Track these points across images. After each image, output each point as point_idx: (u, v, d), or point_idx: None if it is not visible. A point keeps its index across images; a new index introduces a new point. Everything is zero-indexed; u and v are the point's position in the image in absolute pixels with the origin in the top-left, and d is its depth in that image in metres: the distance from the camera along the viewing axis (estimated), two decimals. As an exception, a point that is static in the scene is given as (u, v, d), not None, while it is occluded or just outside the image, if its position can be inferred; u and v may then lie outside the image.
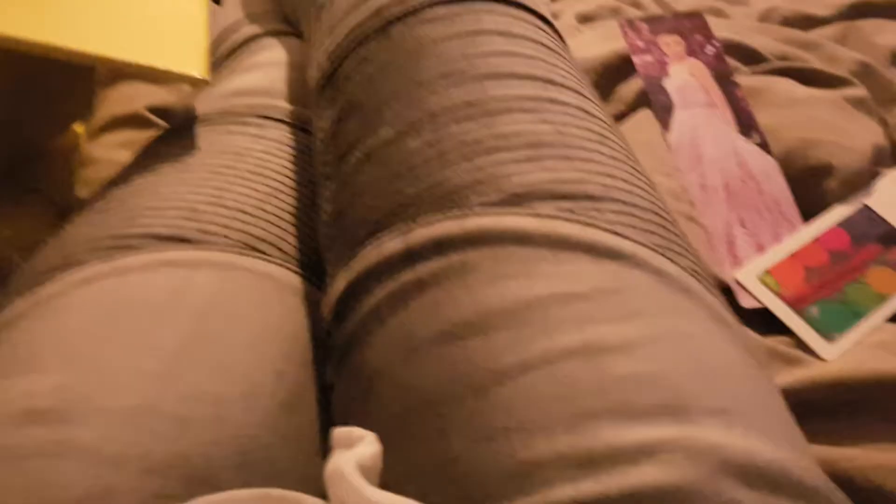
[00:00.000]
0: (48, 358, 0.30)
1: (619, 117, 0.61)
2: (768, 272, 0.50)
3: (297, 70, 0.51)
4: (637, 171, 0.37)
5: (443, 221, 0.33)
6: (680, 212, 0.52)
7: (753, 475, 0.25)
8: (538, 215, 0.32)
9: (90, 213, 0.38)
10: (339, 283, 0.35)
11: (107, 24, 0.43)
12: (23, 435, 0.28)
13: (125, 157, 0.60)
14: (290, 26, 0.56)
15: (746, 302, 0.49)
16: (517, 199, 0.32)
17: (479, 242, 0.32)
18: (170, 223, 0.36)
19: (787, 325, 0.48)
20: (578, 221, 0.32)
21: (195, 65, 0.43)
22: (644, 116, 0.59)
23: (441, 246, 0.32)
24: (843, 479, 0.41)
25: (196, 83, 0.43)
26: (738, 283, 0.50)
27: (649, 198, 0.36)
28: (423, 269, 0.32)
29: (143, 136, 0.62)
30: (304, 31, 0.49)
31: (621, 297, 0.30)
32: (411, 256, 0.32)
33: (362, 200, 0.36)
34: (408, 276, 0.32)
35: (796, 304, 0.49)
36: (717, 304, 0.33)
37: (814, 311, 0.48)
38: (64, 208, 0.53)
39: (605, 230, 0.32)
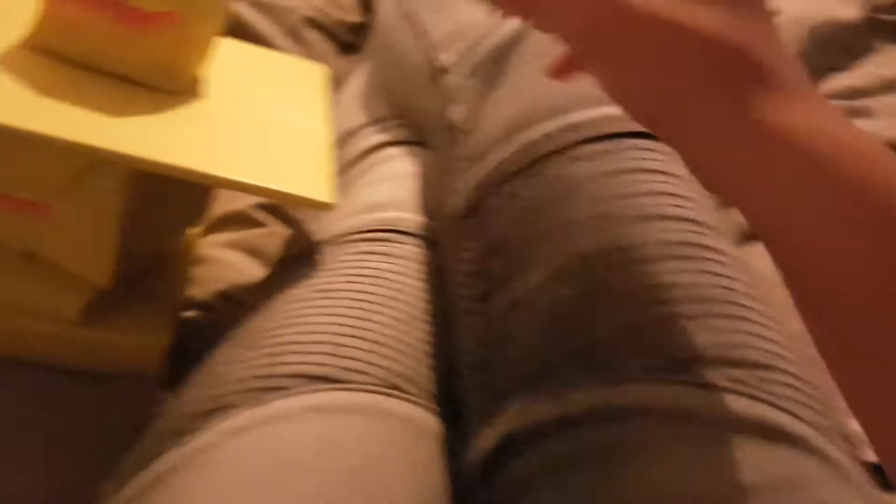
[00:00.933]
0: None
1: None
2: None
3: (423, 182, 0.50)
4: (781, 330, 0.36)
5: (599, 388, 0.32)
6: (810, 355, 0.51)
7: None
8: (706, 387, 0.31)
9: (235, 347, 0.39)
10: (484, 440, 0.34)
11: (230, 144, 0.44)
12: None
13: (234, 257, 0.61)
14: (411, 134, 0.56)
15: (872, 455, 0.48)
16: (681, 366, 0.32)
17: (642, 415, 0.31)
18: (314, 360, 0.36)
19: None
20: (748, 395, 0.31)
21: (321, 188, 0.43)
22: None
23: (599, 416, 0.31)
24: None
25: (322, 207, 0.43)
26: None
27: (798, 362, 0.35)
28: (580, 439, 0.31)
29: (251, 235, 0.63)
30: (434, 148, 0.49)
31: (800, 491, 0.29)
32: (566, 424, 0.32)
33: (509, 351, 0.35)
34: (563, 446, 0.31)
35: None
36: (867, 485, 0.32)
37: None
38: (178, 310, 0.53)
39: (776, 406, 0.31)
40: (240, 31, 0.75)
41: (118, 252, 0.46)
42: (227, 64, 0.51)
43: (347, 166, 0.55)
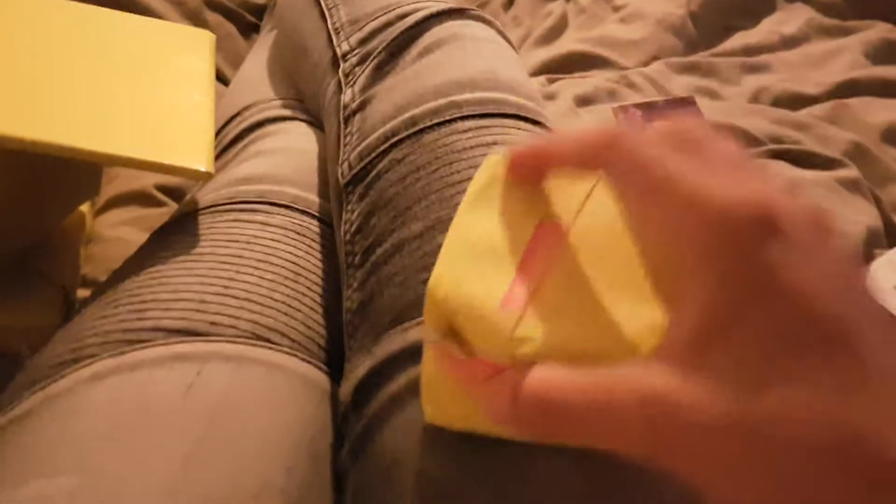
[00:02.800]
0: (59, 462, 0.30)
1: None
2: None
3: (306, 156, 0.52)
4: None
5: None
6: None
7: None
8: None
9: (99, 305, 0.39)
10: (360, 370, 0.36)
11: (108, 118, 0.44)
12: None
13: (132, 234, 0.61)
14: (307, 114, 0.57)
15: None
16: None
17: None
18: (179, 315, 0.37)
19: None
20: None
21: (199, 157, 0.44)
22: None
23: None
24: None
25: (200, 176, 0.43)
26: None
27: None
28: None
29: (150, 214, 0.63)
30: (326, 126, 0.50)
31: None
32: None
33: (389, 290, 0.37)
34: None
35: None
36: None
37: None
38: (70, 289, 0.53)
39: None
40: (136, 11, 0.74)
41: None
42: (109, 34, 0.51)
43: (237, 139, 0.55)
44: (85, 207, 0.61)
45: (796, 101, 0.81)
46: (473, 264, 0.27)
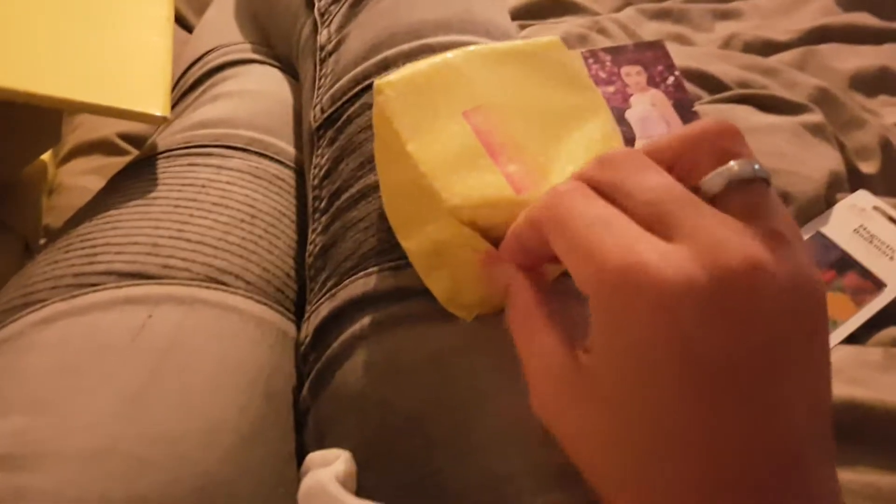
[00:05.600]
0: (6, 402, 0.30)
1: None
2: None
3: (266, 99, 0.51)
4: None
5: None
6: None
7: None
8: None
9: (52, 251, 0.39)
10: (322, 310, 0.36)
11: (62, 62, 0.43)
12: None
13: (95, 183, 0.61)
14: (268, 56, 0.57)
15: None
16: None
17: None
18: (131, 259, 0.37)
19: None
20: None
21: (155, 102, 0.43)
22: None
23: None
24: None
25: (155, 120, 0.43)
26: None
27: None
28: (414, 305, 0.33)
29: (113, 163, 0.62)
30: (301, 69, 0.50)
31: None
32: (401, 294, 0.34)
33: (353, 234, 0.37)
34: (396, 309, 0.34)
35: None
36: None
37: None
38: (32, 239, 0.53)
39: None
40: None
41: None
42: None
43: (196, 84, 0.55)
44: (47, 157, 0.61)
45: (767, 48, 0.81)
46: (461, 174, 0.28)
